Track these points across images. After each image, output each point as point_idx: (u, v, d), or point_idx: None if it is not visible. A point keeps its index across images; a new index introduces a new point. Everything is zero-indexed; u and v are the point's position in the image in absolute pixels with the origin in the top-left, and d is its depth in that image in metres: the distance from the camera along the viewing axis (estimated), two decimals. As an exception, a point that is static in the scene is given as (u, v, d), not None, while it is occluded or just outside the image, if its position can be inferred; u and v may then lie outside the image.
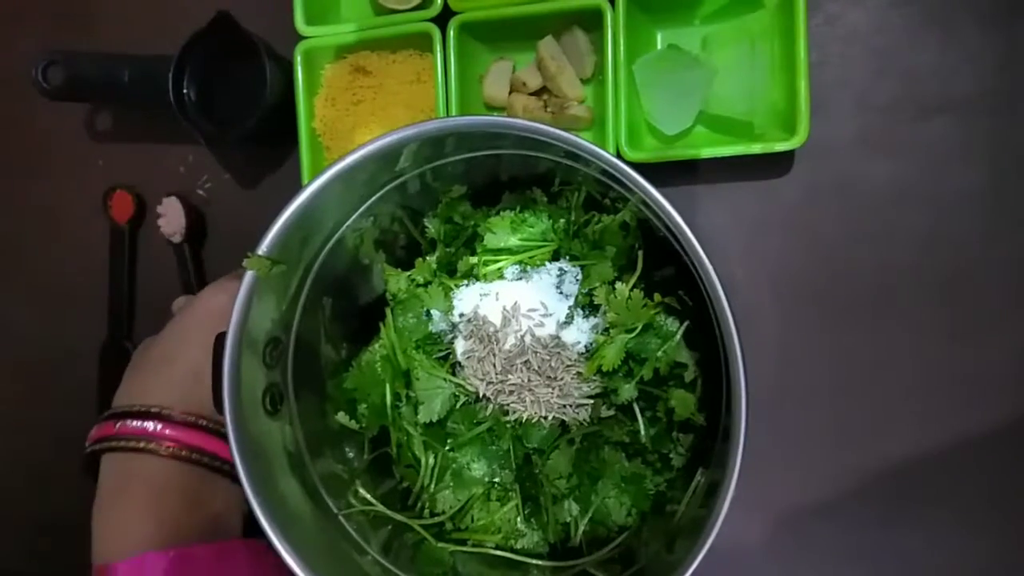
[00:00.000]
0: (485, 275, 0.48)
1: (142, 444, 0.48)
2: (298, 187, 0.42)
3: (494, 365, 0.47)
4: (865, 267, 0.55)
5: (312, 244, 0.46)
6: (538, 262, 0.48)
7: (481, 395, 0.48)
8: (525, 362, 0.47)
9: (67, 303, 0.69)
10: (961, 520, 0.53)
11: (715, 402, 0.43)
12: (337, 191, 0.43)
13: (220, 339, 0.41)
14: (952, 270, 0.53)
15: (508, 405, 0.47)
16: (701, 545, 0.36)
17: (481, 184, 0.50)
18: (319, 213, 0.44)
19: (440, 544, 0.48)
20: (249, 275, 0.41)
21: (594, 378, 0.46)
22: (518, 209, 0.48)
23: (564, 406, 0.46)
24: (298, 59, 0.59)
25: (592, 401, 0.47)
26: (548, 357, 0.47)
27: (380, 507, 0.49)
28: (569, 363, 0.46)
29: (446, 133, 0.41)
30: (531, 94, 0.58)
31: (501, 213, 0.48)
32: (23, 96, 0.63)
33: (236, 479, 0.41)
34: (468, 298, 0.48)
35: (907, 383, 0.54)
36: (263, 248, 0.41)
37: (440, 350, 0.49)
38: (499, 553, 0.49)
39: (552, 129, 0.39)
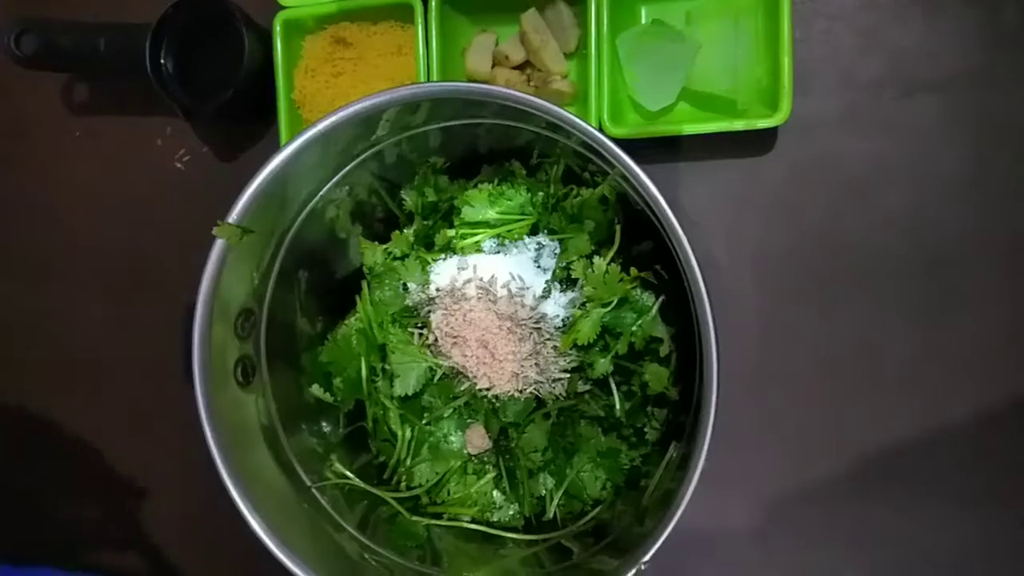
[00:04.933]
0: (463, 248, 0.48)
1: None
2: (272, 154, 0.41)
3: (470, 339, 0.47)
4: (848, 245, 0.54)
5: (286, 213, 0.46)
6: (516, 236, 0.48)
7: (457, 369, 0.48)
8: (502, 336, 0.46)
9: (45, 277, 0.68)
10: (944, 501, 0.53)
11: (690, 377, 0.43)
12: (313, 157, 0.43)
13: (191, 308, 0.40)
14: (936, 248, 0.53)
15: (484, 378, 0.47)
16: (670, 518, 0.36)
17: (459, 156, 0.49)
18: (294, 180, 0.43)
19: (415, 518, 0.48)
20: (219, 243, 0.41)
21: (570, 352, 0.46)
22: (496, 182, 0.48)
23: (540, 380, 0.46)
24: (277, 30, 0.58)
25: (568, 375, 0.47)
26: (525, 331, 0.46)
27: (356, 480, 0.49)
28: (546, 337, 0.46)
29: (422, 99, 0.41)
30: (514, 68, 0.57)
31: (479, 186, 0.48)
32: (-3, 66, 0.62)
33: None
34: (445, 272, 0.48)
35: (890, 361, 0.54)
36: (235, 215, 0.41)
37: (417, 324, 0.49)
38: (474, 527, 0.49)
39: (530, 98, 0.39)
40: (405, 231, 0.50)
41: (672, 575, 0.54)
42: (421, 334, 0.49)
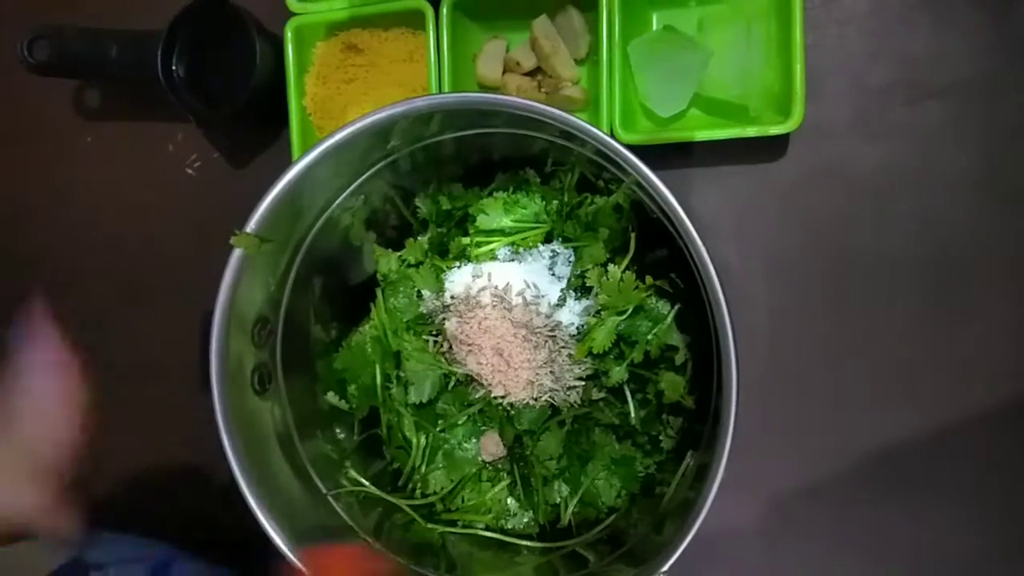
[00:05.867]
0: (477, 256, 0.48)
1: None
2: (288, 166, 0.41)
3: (485, 347, 0.47)
4: (859, 250, 0.54)
5: (302, 222, 0.46)
6: (531, 244, 0.48)
7: (472, 376, 0.48)
8: (517, 344, 0.47)
9: (56, 283, 0.69)
10: (952, 503, 0.53)
11: (706, 385, 0.43)
12: (328, 168, 0.43)
13: (208, 316, 0.41)
14: (945, 253, 0.53)
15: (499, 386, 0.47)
16: (689, 527, 0.36)
17: (473, 164, 0.49)
18: (309, 190, 0.43)
19: (429, 525, 0.49)
20: (237, 252, 0.41)
21: (585, 360, 0.46)
22: (511, 190, 0.48)
23: (555, 388, 0.46)
24: (288, 36, 0.58)
25: (583, 383, 0.47)
26: (540, 339, 0.46)
27: (371, 487, 0.49)
28: (561, 345, 0.46)
29: (436, 110, 0.41)
30: (525, 74, 0.57)
31: (494, 194, 0.48)
32: (10, 72, 0.62)
33: None
34: (460, 279, 0.48)
35: (900, 365, 0.54)
36: (252, 225, 0.41)
37: (431, 331, 0.49)
38: (489, 534, 0.49)
39: (543, 106, 0.39)
40: (419, 239, 0.50)
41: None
42: (436, 341, 0.49)
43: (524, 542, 0.48)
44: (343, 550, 0.44)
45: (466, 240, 0.48)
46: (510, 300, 0.47)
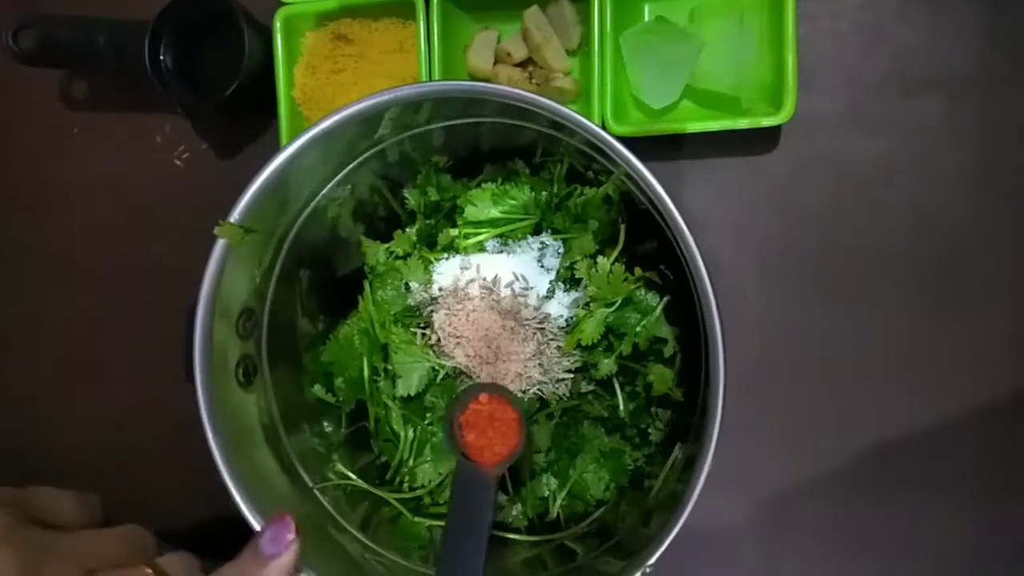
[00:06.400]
0: (465, 248, 0.48)
1: None
2: (274, 154, 0.41)
3: (473, 339, 0.46)
4: (851, 244, 0.54)
5: (288, 212, 0.45)
6: (519, 235, 0.47)
7: (460, 369, 0.47)
8: (505, 336, 0.46)
9: (42, 274, 0.68)
10: (946, 500, 0.53)
11: (694, 378, 0.43)
12: (314, 157, 0.42)
13: (192, 307, 0.40)
14: (939, 247, 0.53)
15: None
16: (676, 519, 0.36)
17: (462, 155, 0.49)
18: (295, 179, 0.43)
19: (417, 519, 0.48)
20: (221, 243, 0.40)
21: (574, 352, 0.46)
22: (499, 181, 0.48)
23: (543, 381, 0.46)
24: (277, 26, 0.57)
25: (572, 376, 0.47)
26: (528, 331, 0.46)
27: (358, 481, 0.49)
28: (550, 337, 0.46)
29: (425, 98, 0.40)
30: (516, 65, 0.57)
31: (482, 185, 0.48)
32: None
33: None
34: (448, 271, 0.48)
35: (894, 361, 0.54)
36: (236, 215, 0.40)
37: (419, 323, 0.49)
38: (477, 528, 0.48)
39: (533, 96, 0.39)
40: (407, 230, 0.49)
41: (674, 574, 0.54)
42: (424, 334, 0.48)
43: (512, 535, 0.48)
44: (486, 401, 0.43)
45: (454, 232, 0.47)
46: (499, 292, 0.46)
